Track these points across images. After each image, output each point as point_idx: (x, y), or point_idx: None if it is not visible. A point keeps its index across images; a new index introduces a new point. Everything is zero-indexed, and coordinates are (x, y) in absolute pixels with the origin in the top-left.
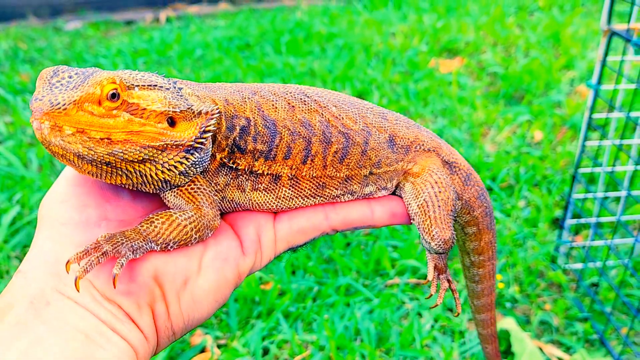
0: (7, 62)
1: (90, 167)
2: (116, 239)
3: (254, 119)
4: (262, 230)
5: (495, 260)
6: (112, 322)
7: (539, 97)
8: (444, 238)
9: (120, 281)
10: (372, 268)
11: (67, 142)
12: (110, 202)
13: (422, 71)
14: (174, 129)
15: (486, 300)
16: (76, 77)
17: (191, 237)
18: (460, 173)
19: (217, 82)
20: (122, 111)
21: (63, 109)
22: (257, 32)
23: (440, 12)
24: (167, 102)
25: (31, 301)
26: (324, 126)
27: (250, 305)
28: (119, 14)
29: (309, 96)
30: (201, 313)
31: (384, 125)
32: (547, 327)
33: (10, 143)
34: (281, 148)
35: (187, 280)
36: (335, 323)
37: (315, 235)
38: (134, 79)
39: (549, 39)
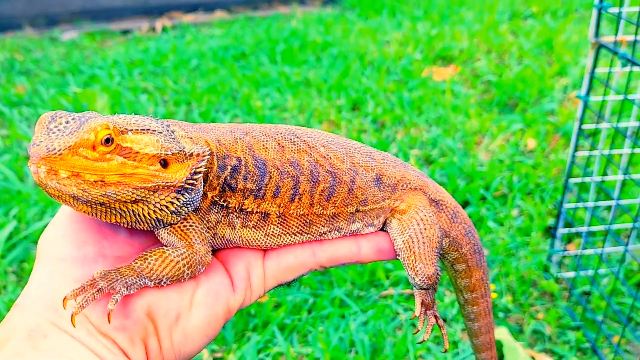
0: (3, 74)
1: (85, 207)
2: (111, 275)
3: (244, 159)
4: (252, 268)
5: (489, 297)
6: (107, 357)
7: (532, 105)
8: (427, 274)
9: (114, 317)
10: (367, 279)
11: (63, 184)
12: (107, 239)
13: (416, 80)
14: (166, 171)
15: (485, 339)
16: (73, 122)
17: (183, 272)
18: (447, 211)
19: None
20: (115, 154)
21: (59, 154)
22: (252, 41)
23: (435, 20)
24: (160, 145)
25: (29, 334)
26: (312, 166)
27: (246, 318)
28: (115, 23)
29: (298, 137)
30: (192, 348)
31: (371, 165)
32: (539, 336)
33: (7, 157)
34: (270, 187)
35: (179, 316)
36: (330, 335)
37: (303, 272)
38: (128, 123)
39: (542, 46)
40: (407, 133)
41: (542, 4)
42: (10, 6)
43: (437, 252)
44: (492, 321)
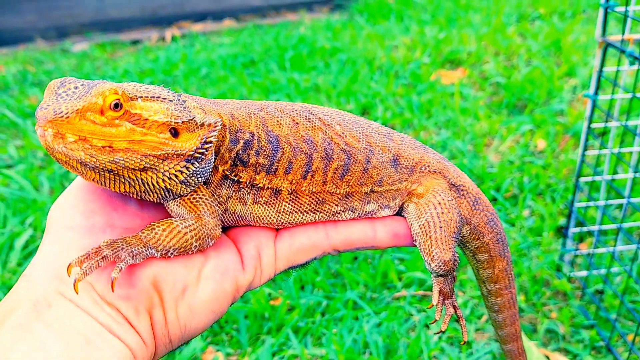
0: (16, 85)
1: (93, 174)
2: (117, 244)
3: (257, 134)
4: (263, 247)
5: (513, 288)
6: (111, 325)
7: (541, 106)
8: (444, 259)
9: (119, 285)
10: (380, 281)
11: (70, 149)
12: (117, 210)
13: (424, 83)
14: (176, 140)
15: (510, 330)
16: (82, 87)
17: (191, 244)
18: (468, 197)
19: (225, 99)
20: (124, 121)
21: (66, 117)
22: (261, 48)
23: (442, 24)
24: (170, 114)
25: (34, 303)
26: (326, 143)
27: (260, 321)
28: (125, 34)
29: (314, 114)
30: (198, 323)
31: (388, 145)
32: (553, 335)
33: (22, 167)
34: (282, 163)
35: (186, 289)
36: (343, 337)
37: (316, 254)
38: (137, 90)
39: (550, 47)
40: (417, 136)
41: (550, 6)
42: (22, 19)
43: (455, 237)
44: (517, 312)
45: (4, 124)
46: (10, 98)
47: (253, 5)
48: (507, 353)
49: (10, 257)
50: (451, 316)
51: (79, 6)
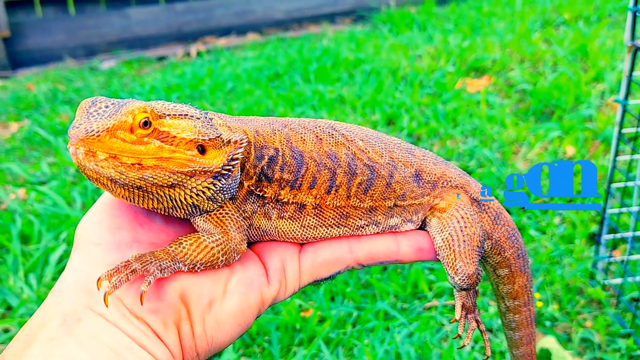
0: (47, 104)
1: (123, 190)
2: (145, 258)
3: (282, 150)
4: (287, 261)
5: (532, 306)
6: (140, 339)
7: (569, 112)
8: (467, 273)
9: (148, 299)
10: (410, 291)
11: (101, 166)
12: (143, 226)
13: (450, 92)
14: (204, 157)
15: (525, 350)
16: (112, 106)
17: (218, 259)
18: (490, 211)
19: (250, 116)
20: (153, 138)
21: (97, 136)
22: (285, 61)
23: (466, 32)
24: (197, 131)
25: (64, 318)
26: (350, 159)
27: (292, 332)
28: (151, 50)
29: (337, 130)
30: (224, 336)
31: (411, 160)
32: (589, 344)
33: (54, 183)
34: (307, 178)
35: (212, 302)
36: (375, 348)
37: (340, 268)
38: (166, 108)
39: (576, 52)
40: (444, 145)
41: (574, 11)
42: (51, 39)
43: (478, 251)
44: (534, 332)
45: (37, 142)
46: (42, 116)
47: (276, 18)
48: None
49: (45, 272)
50: (474, 330)
51: (106, 25)
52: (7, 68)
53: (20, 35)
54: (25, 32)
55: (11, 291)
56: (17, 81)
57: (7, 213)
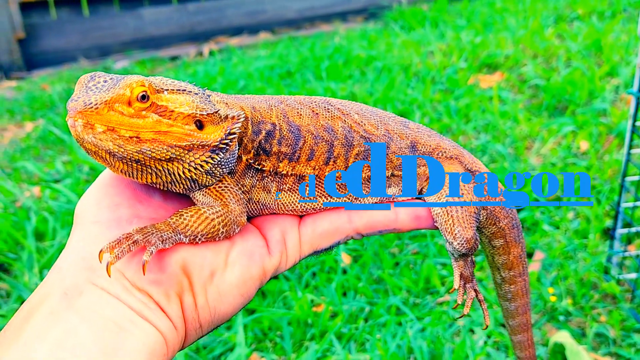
0: (61, 104)
1: (121, 164)
2: (147, 230)
3: (279, 124)
4: (287, 233)
5: (527, 276)
6: (143, 311)
7: (582, 107)
8: (466, 237)
9: (150, 270)
10: (422, 286)
11: (99, 139)
12: (142, 203)
13: (462, 88)
14: (201, 132)
15: (521, 320)
16: (110, 81)
17: (218, 230)
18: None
19: (246, 95)
20: (151, 112)
21: (95, 109)
22: (297, 59)
23: (478, 28)
24: (195, 106)
25: (65, 292)
26: (346, 131)
27: (304, 327)
28: (164, 50)
29: (333, 105)
30: (227, 307)
31: (406, 133)
32: (603, 339)
33: (69, 181)
34: (305, 150)
35: (214, 273)
36: (387, 342)
37: (340, 238)
38: (164, 83)
39: (590, 47)
40: (456, 140)
41: (588, 6)
42: (66, 40)
43: (475, 217)
44: (529, 302)
45: (52, 141)
46: (57, 116)
47: (288, 17)
48: (516, 344)
49: None
50: (472, 299)
51: (120, 26)
52: (23, 69)
53: (35, 37)
54: (40, 34)
55: (26, 287)
56: (32, 82)
57: (22, 210)
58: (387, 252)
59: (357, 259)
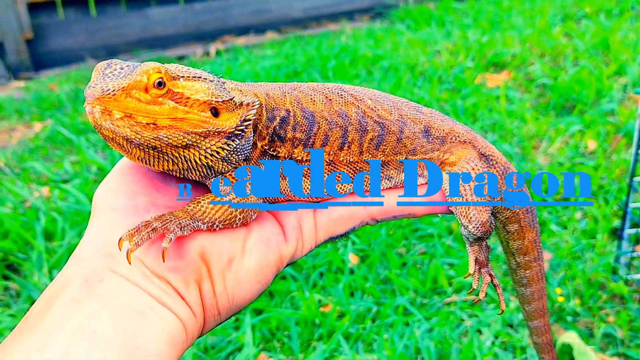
0: (69, 104)
1: (138, 151)
2: (165, 217)
3: (293, 111)
4: (303, 219)
5: (542, 261)
6: (162, 297)
7: (590, 106)
8: (481, 220)
9: (169, 257)
10: (430, 287)
11: (116, 125)
12: (159, 191)
13: (469, 87)
14: (217, 119)
15: (537, 305)
16: (127, 68)
17: (235, 217)
18: (498, 166)
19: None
20: (167, 99)
21: (112, 95)
22: (303, 59)
23: (485, 27)
24: (210, 93)
25: (85, 279)
26: (360, 116)
27: (311, 327)
28: (171, 50)
29: (346, 91)
30: (245, 294)
31: (419, 117)
32: (611, 339)
33: (77, 181)
34: (319, 136)
35: (232, 260)
36: (395, 342)
37: (355, 224)
38: (180, 70)
39: (597, 46)
40: None
41: (595, 4)
42: (73, 40)
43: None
44: (545, 286)
45: (59, 141)
46: (65, 116)
47: (294, 17)
48: (533, 330)
49: None
50: (488, 284)
51: (126, 26)
52: (31, 69)
53: (42, 37)
54: (47, 34)
55: (36, 287)
56: (40, 82)
57: (31, 210)
58: (394, 252)
59: (364, 259)
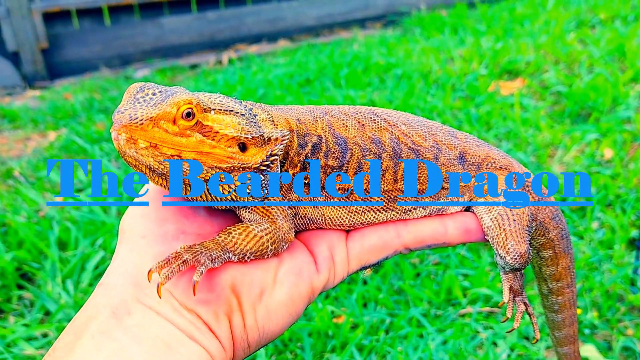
0: (83, 113)
1: (161, 180)
2: (195, 248)
3: (325, 137)
4: (335, 248)
5: (574, 287)
6: (191, 331)
7: (606, 114)
8: (519, 251)
9: (199, 290)
10: (444, 298)
11: (140, 154)
12: (188, 218)
13: (483, 95)
14: (244, 154)
15: (568, 332)
16: (159, 95)
17: (267, 248)
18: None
19: (289, 105)
20: (195, 132)
21: (140, 124)
22: (316, 67)
23: (498, 34)
24: (240, 128)
25: (113, 311)
26: (394, 143)
27: (324, 339)
28: (184, 59)
29: (379, 115)
30: (275, 326)
31: (454, 143)
32: (630, 353)
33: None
34: (352, 163)
35: (263, 292)
36: (409, 355)
37: (388, 253)
38: (212, 102)
39: (613, 53)
40: None
41: (611, 11)
42: (87, 50)
43: (527, 230)
44: (576, 313)
45: (74, 150)
46: (79, 125)
47: (307, 25)
48: (562, 356)
49: (83, 278)
50: (522, 313)
51: (141, 35)
52: (46, 79)
53: (58, 47)
54: (62, 44)
55: (49, 297)
56: (54, 91)
57: (45, 220)
58: (407, 262)
59: (377, 269)
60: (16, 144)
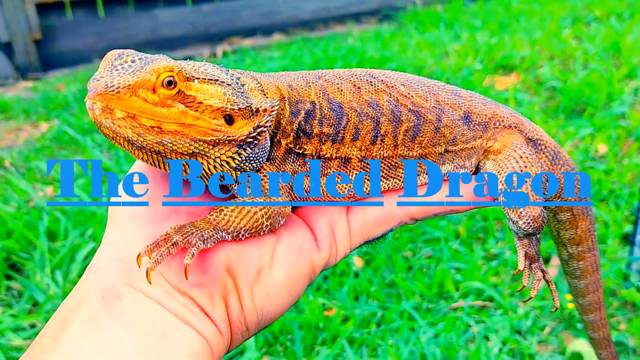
0: (76, 104)
1: (140, 153)
2: (186, 229)
3: (319, 103)
4: (336, 223)
5: (596, 250)
6: (185, 316)
7: (601, 110)
8: (533, 215)
9: (192, 272)
10: (436, 291)
11: (117, 125)
12: None
13: (477, 90)
14: (230, 126)
15: (593, 298)
16: (139, 62)
17: (262, 224)
18: (547, 151)
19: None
20: (177, 102)
21: (116, 92)
22: (310, 60)
23: (494, 29)
24: (226, 99)
25: (103, 296)
26: (393, 105)
27: (315, 331)
28: (178, 51)
29: (375, 77)
30: (275, 307)
31: (458, 102)
32: (623, 348)
33: (81, 181)
34: (349, 130)
35: (260, 272)
36: (400, 348)
37: (392, 225)
38: (195, 71)
39: (608, 49)
40: None
41: (606, 7)
42: (81, 41)
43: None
44: (600, 278)
45: (65, 141)
46: (71, 116)
47: (302, 19)
48: (588, 324)
49: (72, 269)
50: (540, 281)
51: (135, 27)
52: (39, 70)
53: (51, 38)
54: (56, 35)
55: (38, 287)
56: (47, 82)
57: (35, 210)
58: (400, 255)
59: (369, 262)
60: (8, 135)
